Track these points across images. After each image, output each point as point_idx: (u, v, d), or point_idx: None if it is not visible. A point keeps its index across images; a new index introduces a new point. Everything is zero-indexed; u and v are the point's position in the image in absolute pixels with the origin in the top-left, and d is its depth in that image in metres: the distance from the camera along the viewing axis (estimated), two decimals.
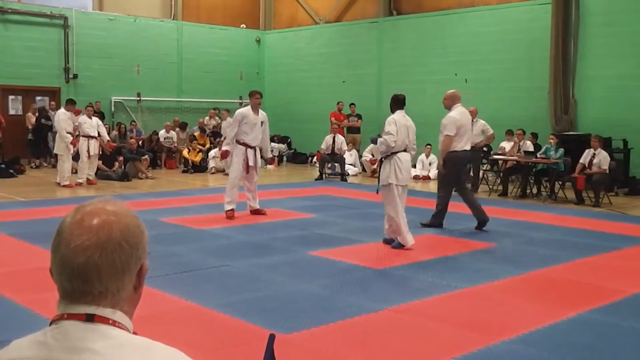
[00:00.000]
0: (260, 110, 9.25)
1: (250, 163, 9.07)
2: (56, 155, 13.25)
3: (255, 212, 9.35)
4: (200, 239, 7.75)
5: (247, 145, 9.05)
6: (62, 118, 12.62)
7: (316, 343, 4.34)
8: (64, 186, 12.43)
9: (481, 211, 8.51)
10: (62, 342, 1.18)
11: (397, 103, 7.56)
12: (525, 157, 12.16)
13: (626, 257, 7.18)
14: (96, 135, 13.02)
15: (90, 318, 1.20)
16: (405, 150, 7.37)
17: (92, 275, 1.20)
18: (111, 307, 1.22)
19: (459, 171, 8.66)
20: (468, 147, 8.63)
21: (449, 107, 8.56)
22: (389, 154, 7.29)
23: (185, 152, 16.69)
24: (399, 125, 7.27)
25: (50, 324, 1.22)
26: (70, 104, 13.05)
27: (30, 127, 15.92)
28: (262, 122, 9.19)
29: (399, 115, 7.44)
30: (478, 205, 8.57)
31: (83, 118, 13.11)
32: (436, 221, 8.70)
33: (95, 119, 13.26)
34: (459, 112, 8.47)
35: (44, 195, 11.54)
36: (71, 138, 12.58)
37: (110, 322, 1.21)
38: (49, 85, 16.98)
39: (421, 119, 17.01)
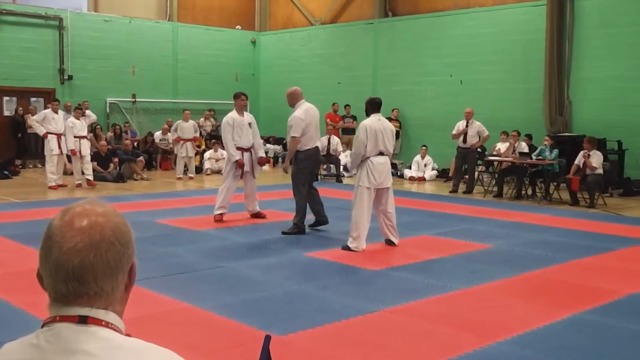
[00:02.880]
0: (245, 112, 9.22)
1: (246, 168, 9.04)
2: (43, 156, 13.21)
3: (256, 215, 9.33)
4: (196, 240, 7.74)
5: (241, 149, 9.03)
6: (45, 117, 12.60)
7: (312, 344, 4.34)
8: (50, 187, 12.38)
9: (323, 212, 8.38)
10: (55, 344, 1.17)
11: (374, 106, 7.48)
12: (520, 159, 12.18)
13: (621, 258, 7.19)
14: (85, 134, 12.94)
15: (83, 320, 1.19)
16: (382, 154, 7.29)
17: (87, 276, 1.19)
18: (104, 307, 1.22)
19: (313, 168, 8.57)
20: (318, 145, 8.40)
21: (292, 105, 8.21)
22: (363, 159, 7.21)
23: None
24: (369, 130, 7.21)
25: (43, 326, 1.22)
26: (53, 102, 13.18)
27: None
28: (249, 124, 9.14)
29: (373, 119, 7.36)
30: (321, 205, 8.44)
31: (71, 120, 12.75)
32: (302, 225, 8.23)
33: (82, 120, 13.14)
34: (304, 111, 8.10)
35: (39, 196, 11.51)
36: (44, 131, 12.44)
37: (103, 323, 1.21)
38: (44, 87, 16.93)
39: (417, 121, 17.16)
